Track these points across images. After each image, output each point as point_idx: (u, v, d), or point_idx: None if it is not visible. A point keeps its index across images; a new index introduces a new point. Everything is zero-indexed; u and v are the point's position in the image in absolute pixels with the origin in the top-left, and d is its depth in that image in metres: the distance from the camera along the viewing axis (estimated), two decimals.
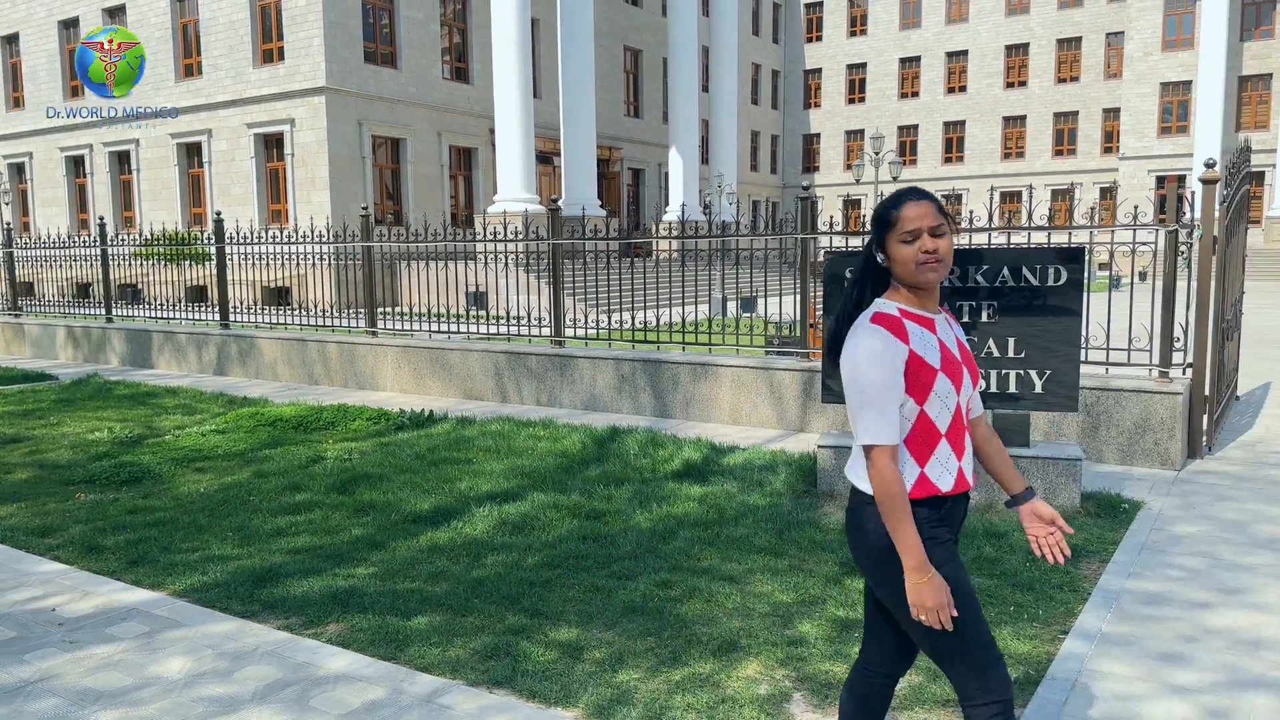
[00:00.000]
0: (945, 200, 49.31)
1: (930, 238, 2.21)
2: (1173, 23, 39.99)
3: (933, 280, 2.24)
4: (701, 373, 8.66)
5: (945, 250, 2.23)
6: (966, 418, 2.34)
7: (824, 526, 5.39)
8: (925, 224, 2.22)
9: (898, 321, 2.24)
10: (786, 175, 55.76)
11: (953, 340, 2.33)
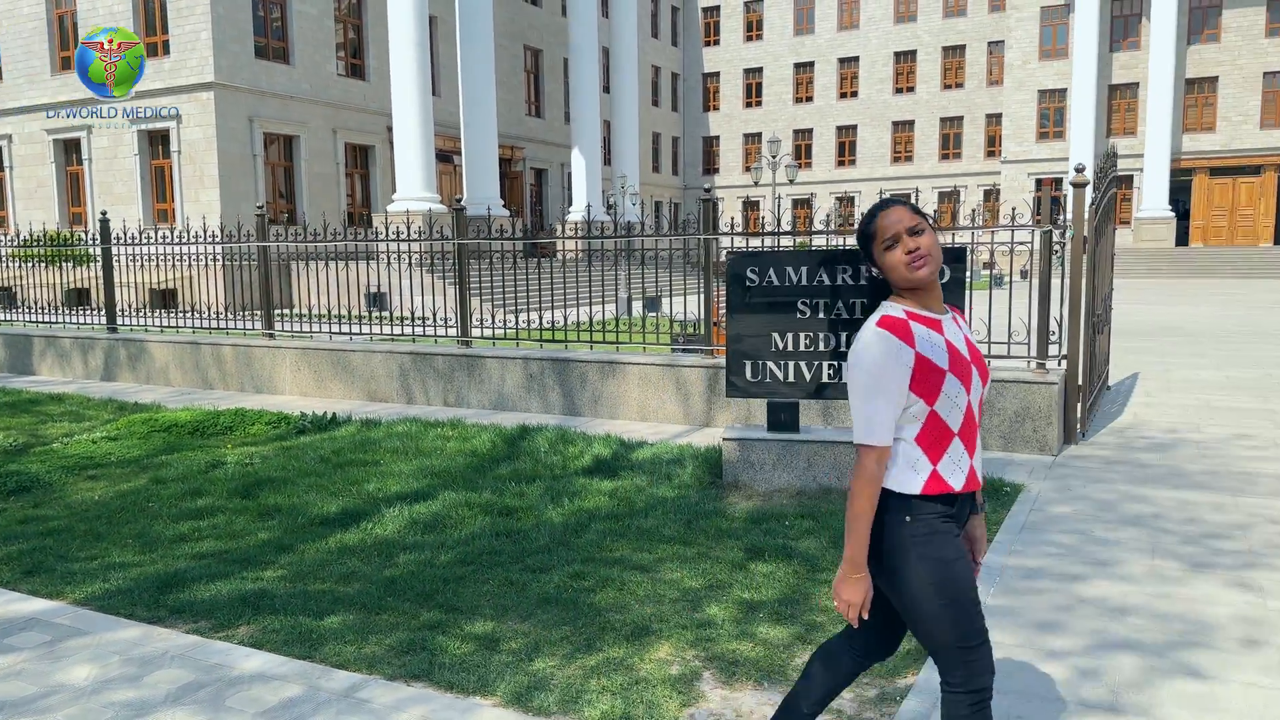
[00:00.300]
0: (839, 202, 50.78)
1: (910, 237, 2.30)
2: (1049, 33, 42.14)
3: (924, 277, 2.30)
4: (609, 371, 8.81)
5: (928, 245, 2.31)
6: (977, 413, 2.38)
7: (730, 515, 5.60)
8: (902, 227, 2.32)
9: (904, 324, 2.29)
10: (687, 176, 56.46)
11: (961, 340, 2.38)
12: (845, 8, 51.11)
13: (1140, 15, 40.01)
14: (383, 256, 17.15)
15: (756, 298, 6.13)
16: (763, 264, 6.12)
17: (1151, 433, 7.84)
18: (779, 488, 6.14)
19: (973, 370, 2.34)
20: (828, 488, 6.09)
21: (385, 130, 30.21)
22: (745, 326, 6.15)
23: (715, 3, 54.49)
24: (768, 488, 6.14)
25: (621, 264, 22.68)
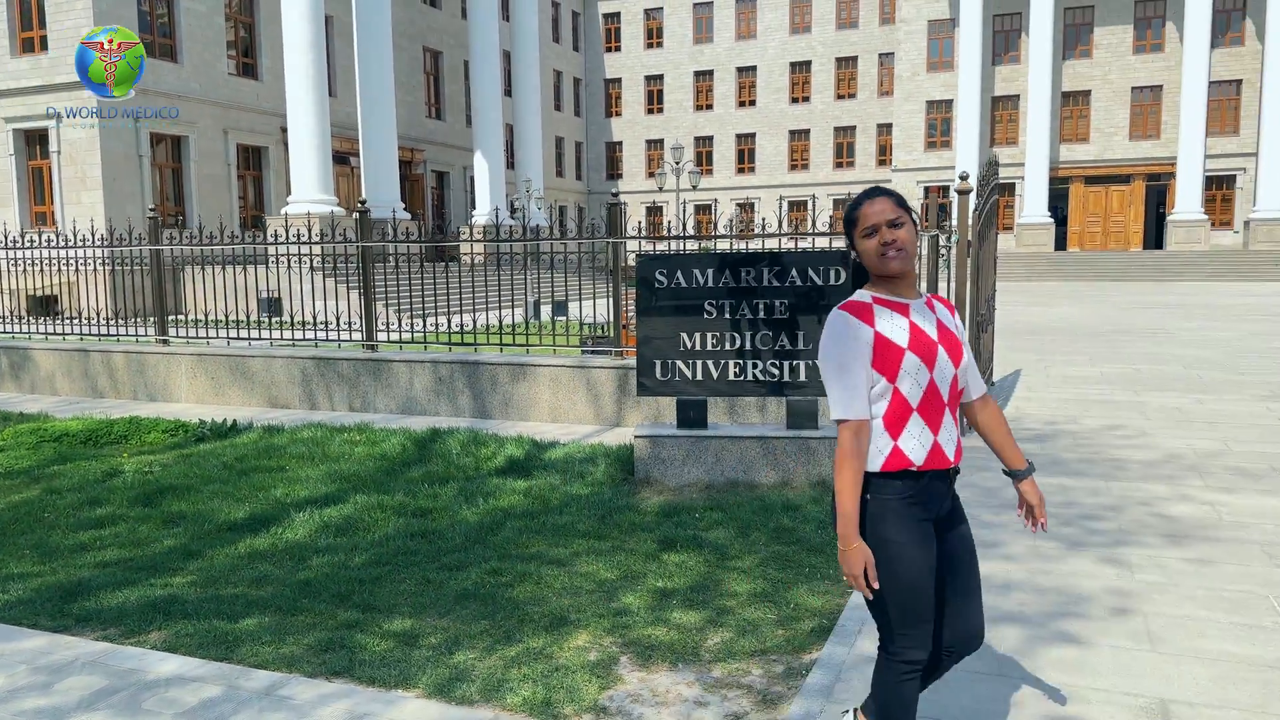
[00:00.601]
0: (739, 208, 51.76)
1: (889, 229, 2.41)
2: (936, 46, 43.92)
3: (895, 268, 2.42)
4: (520, 373, 8.87)
5: (905, 239, 2.42)
6: (949, 396, 2.45)
7: (642, 510, 5.76)
8: (883, 218, 2.42)
9: (866, 307, 2.43)
10: (591, 181, 56.63)
11: (932, 323, 2.47)
12: (743, 18, 52.15)
13: (1020, 31, 42.09)
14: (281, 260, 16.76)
15: (665, 299, 6.33)
16: (670, 267, 6.32)
17: (1032, 424, 8.37)
18: (689, 482, 6.33)
19: (939, 350, 2.43)
20: (735, 481, 6.32)
21: (279, 131, 29.42)
22: (654, 327, 6.34)
23: (616, 9, 54.85)
24: (678, 482, 6.33)
25: (529, 268, 22.66)
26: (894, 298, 2.47)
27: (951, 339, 2.49)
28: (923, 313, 2.48)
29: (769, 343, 6.21)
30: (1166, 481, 6.36)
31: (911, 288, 2.49)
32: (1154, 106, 40.86)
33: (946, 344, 2.46)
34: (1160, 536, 5.18)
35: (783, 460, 6.28)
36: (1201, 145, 37.78)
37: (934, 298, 2.58)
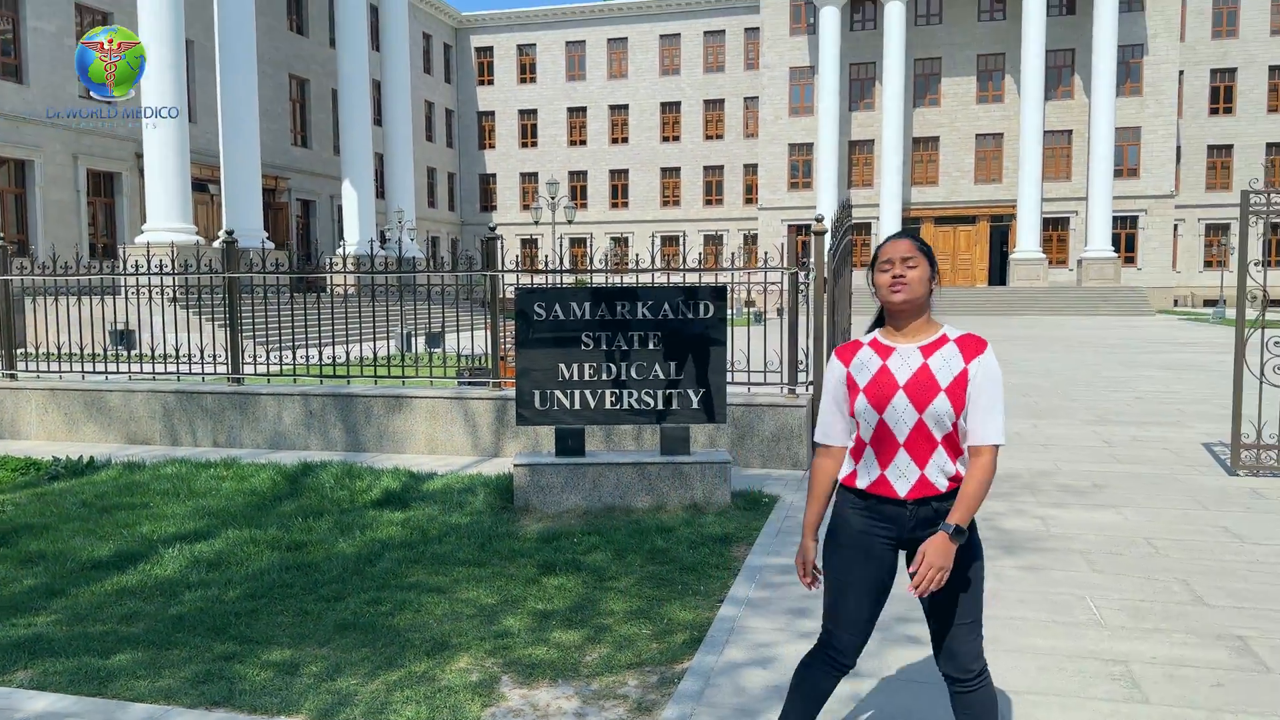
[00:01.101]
0: (614, 242, 52.47)
1: (901, 264, 2.62)
2: (797, 91, 46.01)
3: (897, 300, 2.60)
4: (396, 405, 8.86)
5: (914, 279, 2.60)
6: (906, 438, 2.60)
7: (522, 537, 5.90)
8: (897, 255, 2.63)
9: (854, 347, 2.72)
10: (465, 212, 56.32)
11: (910, 367, 2.61)
12: (615, 58, 53.24)
13: (874, 80, 44.61)
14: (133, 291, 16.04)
15: (543, 332, 6.53)
16: (549, 300, 6.54)
17: None
18: (567, 509, 6.51)
19: (898, 394, 2.59)
20: (612, 506, 6.54)
21: (134, 157, 28.18)
22: (533, 359, 6.53)
23: (488, 44, 55.06)
24: (557, 509, 6.50)
25: (403, 299, 22.38)
26: (887, 341, 2.68)
27: (925, 385, 2.58)
28: (908, 355, 2.64)
29: (644, 373, 6.49)
30: (1004, 499, 6.96)
31: (915, 331, 2.66)
32: (996, 153, 43.97)
33: (913, 389, 2.59)
34: (996, 548, 5.69)
35: (658, 485, 6.55)
36: (1038, 189, 40.84)
37: (957, 339, 2.66)
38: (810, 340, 8.13)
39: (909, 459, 2.62)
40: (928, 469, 2.62)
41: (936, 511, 2.64)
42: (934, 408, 2.57)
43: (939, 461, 2.62)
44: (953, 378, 2.59)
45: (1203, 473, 7.87)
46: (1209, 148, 45.55)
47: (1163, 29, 41.53)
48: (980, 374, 2.60)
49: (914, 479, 2.62)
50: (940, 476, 2.63)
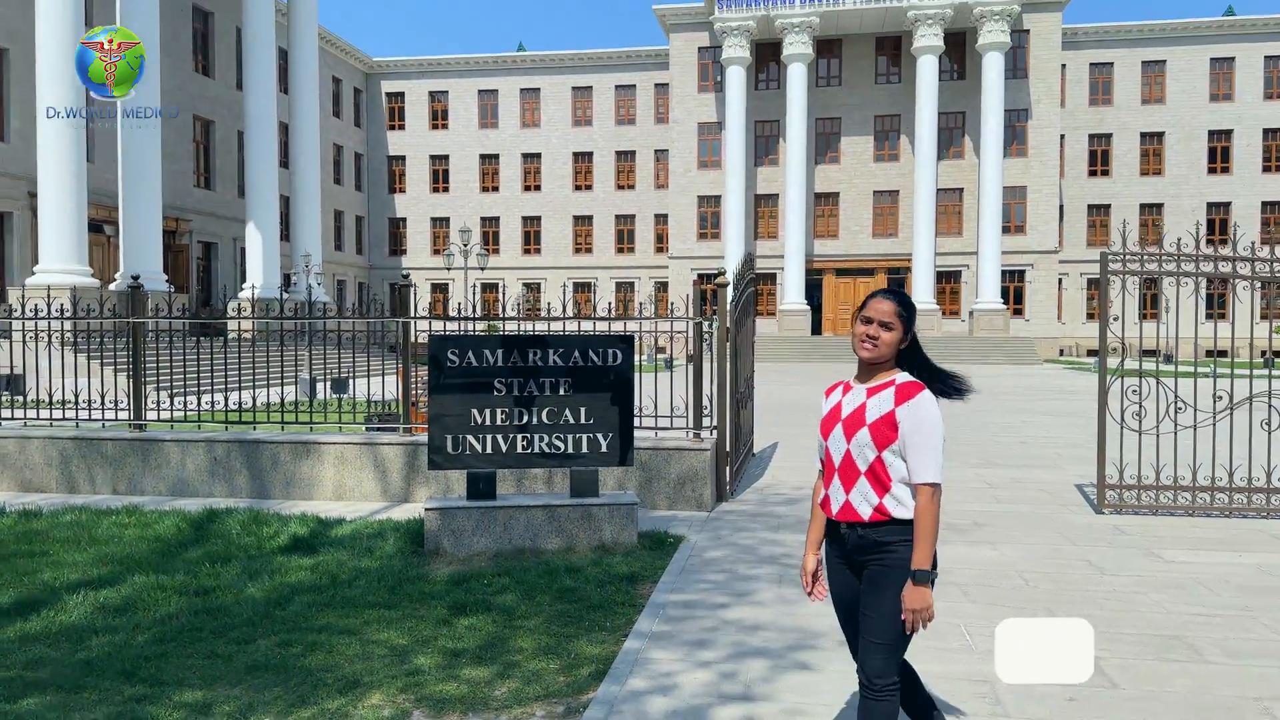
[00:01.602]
0: (526, 289, 52.66)
1: (878, 326, 3.00)
2: (705, 146, 47.40)
3: (863, 355, 3.04)
4: (304, 451, 8.86)
5: (886, 340, 3.00)
6: (840, 463, 3.04)
7: (433, 580, 6.04)
8: (877, 316, 3.01)
9: (835, 386, 3.22)
10: (373, 256, 55.77)
11: (853, 404, 3.05)
12: (528, 108, 53.93)
13: (778, 137, 46.31)
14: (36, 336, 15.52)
15: (456, 378, 6.73)
16: (462, 347, 6.75)
17: (784, 490, 9.36)
18: (478, 551, 6.67)
19: (837, 426, 3.06)
20: (522, 548, 6.72)
21: (27, 195, 27.23)
22: (446, 404, 6.72)
23: (400, 90, 55.11)
24: (468, 552, 6.65)
25: (304, 343, 22.08)
26: (853, 381, 3.14)
27: (856, 420, 3.01)
28: (857, 394, 3.08)
29: (555, 418, 6.74)
30: None
31: (873, 376, 3.07)
32: (892, 209, 46.01)
33: (848, 422, 3.04)
34: None
35: (567, 527, 6.77)
36: (931, 244, 42.82)
37: (900, 384, 3.01)
38: (714, 386, 8.51)
39: (839, 483, 3.06)
40: (852, 495, 3.01)
41: (862, 538, 3.01)
42: (857, 439, 2.98)
43: (862, 489, 2.99)
44: (880, 416, 2.97)
45: (1073, 511, 8.50)
46: (1089, 206, 48.58)
47: (1045, 95, 44.39)
48: (909, 418, 2.94)
49: (841, 502, 3.05)
50: (863, 504, 2.99)
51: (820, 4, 42.87)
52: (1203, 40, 47.42)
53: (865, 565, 3.05)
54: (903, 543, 2.97)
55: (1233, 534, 7.57)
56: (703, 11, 46.31)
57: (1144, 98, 48.02)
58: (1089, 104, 48.37)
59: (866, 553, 3.03)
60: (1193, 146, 47.64)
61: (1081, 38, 47.82)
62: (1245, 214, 47.20)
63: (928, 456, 2.94)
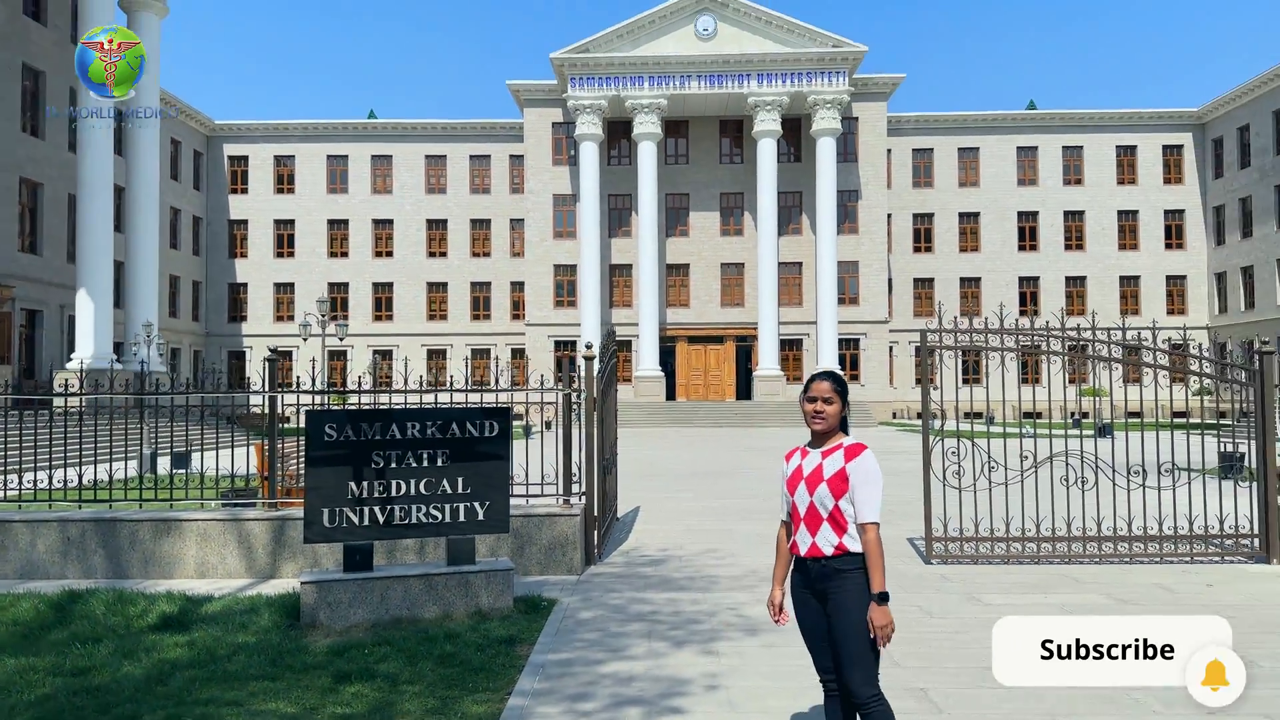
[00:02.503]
0: (377, 356, 51.68)
1: (821, 403, 3.76)
2: (560, 216, 48.49)
3: (816, 428, 3.78)
4: (164, 529, 8.70)
5: (830, 413, 3.76)
6: (805, 513, 3.73)
7: (313, 651, 6.16)
8: (820, 394, 3.77)
9: (793, 452, 3.91)
10: (210, 323, 53.55)
11: (811, 465, 3.77)
12: (379, 174, 53.69)
13: (631, 210, 47.95)
14: None
15: (334, 450, 6.94)
16: (339, 420, 6.98)
17: (649, 552, 9.88)
18: (355, 623, 6.81)
19: (800, 484, 3.78)
20: (399, 617, 6.91)
21: None
22: (323, 477, 6.90)
23: (244, 153, 53.82)
24: (345, 624, 6.79)
25: (143, 416, 21.12)
26: (809, 447, 3.86)
27: (815, 478, 3.74)
28: (813, 458, 3.80)
29: (432, 488, 7.04)
30: (747, 590, 8.03)
31: (822, 443, 3.81)
32: (739, 280, 48.25)
33: (810, 480, 3.76)
34: (741, 631, 6.67)
35: (444, 594, 7.02)
36: (775, 313, 45.09)
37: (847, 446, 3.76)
38: (582, 454, 8.98)
39: (805, 529, 3.77)
40: (817, 537, 3.74)
41: (824, 568, 3.72)
42: (818, 493, 3.73)
43: (825, 532, 3.72)
44: (834, 472, 3.72)
45: (905, 563, 9.38)
46: (915, 280, 52.40)
47: (873, 178, 47.98)
48: (857, 471, 3.70)
49: (808, 544, 3.75)
50: (825, 544, 3.72)
51: (668, 87, 45.09)
52: (1010, 130, 52.59)
53: (828, 593, 3.72)
54: (856, 570, 3.69)
55: (1041, 578, 8.60)
56: (556, 89, 47.79)
57: (961, 181, 52.60)
58: (912, 185, 52.52)
59: (828, 580, 3.71)
60: (1005, 226, 52.40)
61: (905, 126, 52.11)
62: (1052, 287, 52.11)
63: (872, 501, 3.70)
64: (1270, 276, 46.76)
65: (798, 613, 3.86)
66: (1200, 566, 9.11)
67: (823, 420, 3.79)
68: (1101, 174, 52.30)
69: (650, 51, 45.31)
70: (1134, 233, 52.31)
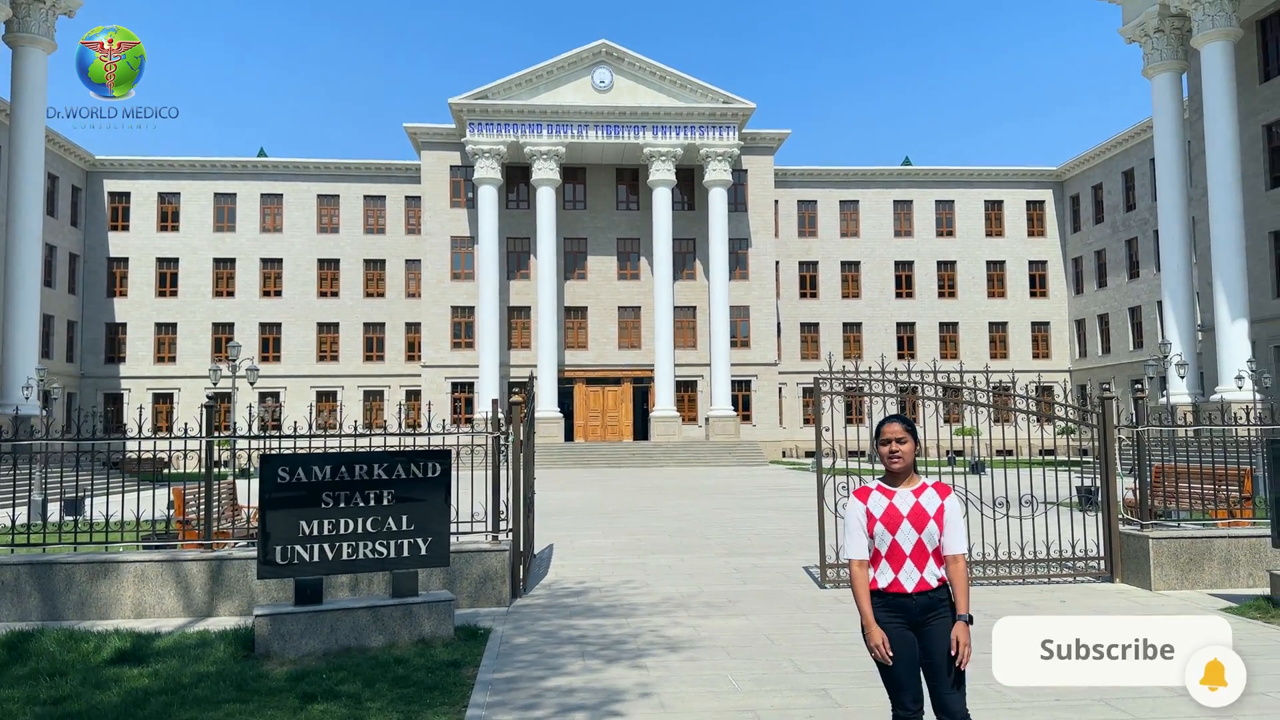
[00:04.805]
0: (263, 398, 50.53)
1: (896, 444, 3.95)
2: (458, 258, 48.85)
3: (894, 468, 3.95)
4: (101, 571, 8.92)
5: (905, 452, 3.94)
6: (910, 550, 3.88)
7: (273, 678, 6.65)
8: (893, 435, 3.97)
9: (866, 492, 4.03)
10: (86, 364, 51.42)
11: (907, 504, 3.93)
12: (269, 212, 52.98)
13: (529, 253, 48.75)
14: None
15: (285, 492, 7.47)
16: (292, 464, 7.52)
17: (569, 584, 10.59)
18: (307, 652, 7.31)
19: (903, 522, 3.92)
20: (348, 647, 7.44)
21: None
22: (276, 518, 7.41)
23: (125, 189, 52.31)
24: (297, 653, 7.27)
25: (24, 464, 20.58)
26: (889, 486, 4.03)
27: (920, 515, 3.92)
28: (905, 496, 3.97)
29: (379, 526, 7.62)
30: (665, 615, 8.85)
31: (906, 479, 4.00)
32: (635, 323, 49.52)
33: (913, 517, 3.93)
34: (664, 649, 7.48)
35: (390, 625, 7.59)
36: (670, 356, 46.46)
37: (933, 485, 4.01)
38: (510, 493, 9.67)
39: (911, 565, 3.93)
40: (925, 571, 3.94)
41: (930, 600, 3.90)
42: (927, 530, 3.94)
43: (931, 567, 3.94)
44: (936, 508, 3.98)
45: (802, 588, 10.38)
46: (801, 324, 54.81)
47: (761, 227, 50.22)
48: (951, 508, 4.00)
49: (915, 579, 3.93)
50: (932, 577, 3.93)
51: (566, 135, 46.33)
52: (887, 185, 55.92)
53: (929, 622, 3.89)
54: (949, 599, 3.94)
55: None
56: (454, 133, 48.41)
57: (842, 231, 55.51)
58: (799, 235, 55.12)
59: (932, 610, 3.90)
60: (883, 274, 55.46)
61: (791, 178, 54.78)
62: (927, 332, 55.30)
63: (962, 533, 4.02)
64: (1124, 324, 50.97)
65: (896, 648, 3.87)
66: (1057, 586, 10.41)
67: (900, 459, 3.95)
68: (971, 226, 56.07)
69: (549, 100, 46.53)
70: (1001, 281, 56.15)
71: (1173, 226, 36.05)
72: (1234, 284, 32.10)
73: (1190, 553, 9.98)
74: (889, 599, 3.94)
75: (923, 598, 3.90)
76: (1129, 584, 10.30)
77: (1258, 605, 8.69)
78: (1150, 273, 48.11)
